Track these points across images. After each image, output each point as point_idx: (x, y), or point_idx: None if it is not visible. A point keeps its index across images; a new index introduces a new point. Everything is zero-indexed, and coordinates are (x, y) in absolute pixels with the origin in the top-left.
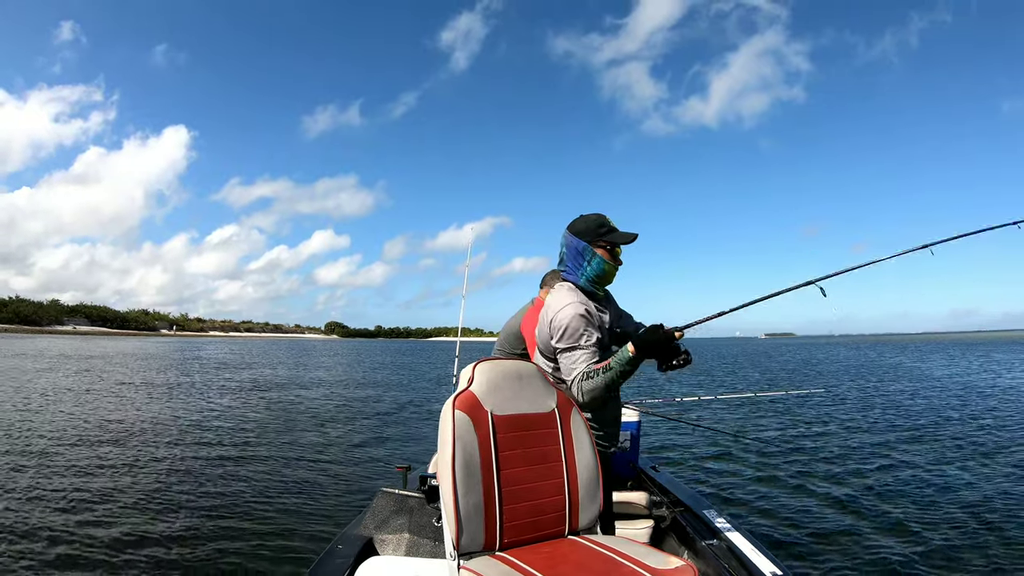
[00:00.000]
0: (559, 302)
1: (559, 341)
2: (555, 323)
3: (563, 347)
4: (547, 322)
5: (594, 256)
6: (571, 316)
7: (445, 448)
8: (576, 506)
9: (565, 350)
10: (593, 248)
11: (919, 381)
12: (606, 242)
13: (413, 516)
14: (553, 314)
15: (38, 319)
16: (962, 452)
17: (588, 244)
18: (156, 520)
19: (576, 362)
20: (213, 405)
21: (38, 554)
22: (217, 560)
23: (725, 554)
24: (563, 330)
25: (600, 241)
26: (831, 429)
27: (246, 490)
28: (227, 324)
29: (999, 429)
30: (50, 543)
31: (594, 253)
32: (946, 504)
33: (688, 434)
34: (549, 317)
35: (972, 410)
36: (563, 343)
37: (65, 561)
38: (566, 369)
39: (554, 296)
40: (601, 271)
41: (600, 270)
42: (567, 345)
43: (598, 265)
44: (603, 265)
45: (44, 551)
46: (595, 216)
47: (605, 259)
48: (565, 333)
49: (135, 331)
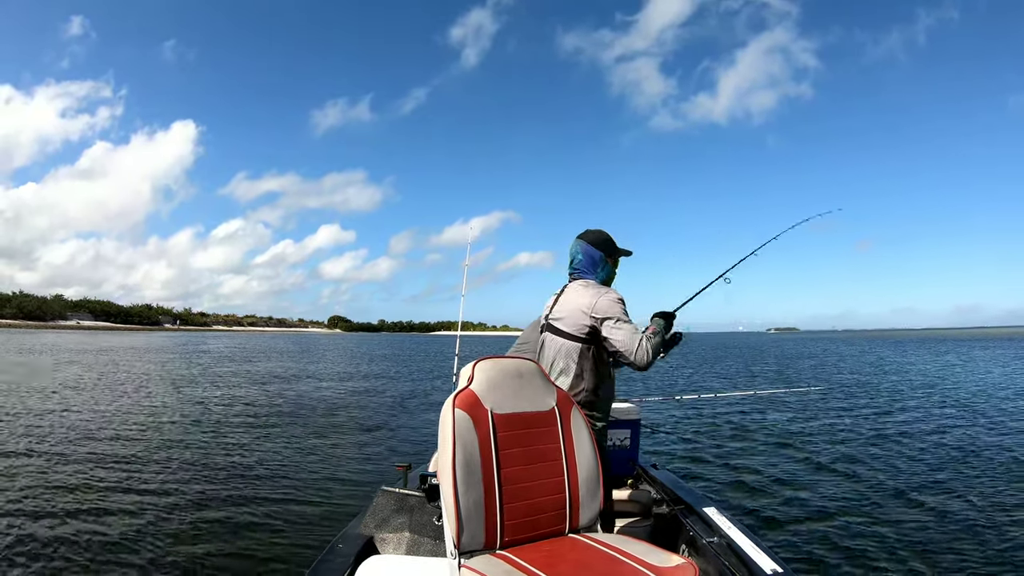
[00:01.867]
0: (599, 290)
1: (617, 313)
2: (607, 300)
3: (623, 319)
4: (590, 303)
5: (606, 264)
6: (618, 298)
7: (445, 447)
8: (576, 504)
9: (624, 321)
10: (607, 259)
11: (922, 378)
12: (616, 256)
13: (413, 515)
14: (604, 294)
15: (41, 314)
16: (966, 452)
17: (603, 255)
18: (154, 518)
19: (637, 331)
20: (212, 401)
21: (36, 553)
22: (217, 559)
23: (725, 552)
24: (616, 306)
25: (614, 255)
26: (833, 427)
27: (246, 488)
28: (230, 318)
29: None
30: (48, 541)
31: (606, 262)
32: (948, 504)
33: (688, 432)
34: (596, 298)
35: (979, 408)
36: (622, 315)
37: (64, 561)
38: (628, 333)
39: (587, 288)
40: (608, 276)
41: (608, 275)
42: (625, 318)
43: (608, 272)
44: (611, 272)
45: (41, 550)
46: (605, 233)
47: (613, 268)
48: (620, 310)
49: (138, 326)
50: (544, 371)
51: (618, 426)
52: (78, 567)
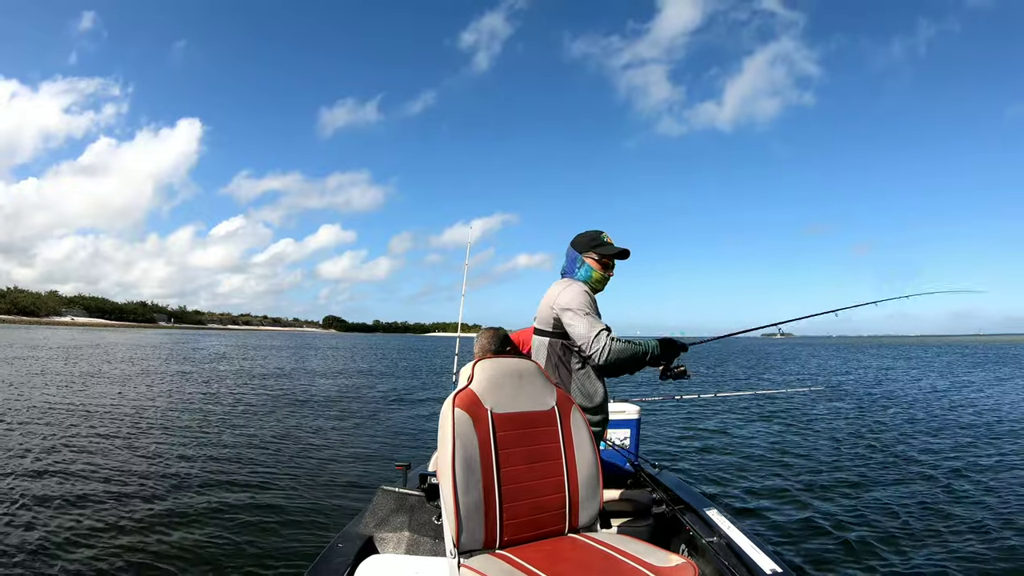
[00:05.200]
0: (567, 284)
1: (576, 305)
2: (570, 292)
3: (583, 311)
4: (555, 295)
5: (583, 264)
6: (583, 291)
7: (445, 446)
8: (576, 504)
9: (584, 313)
10: (583, 257)
11: (920, 384)
12: (596, 253)
13: (413, 514)
14: (568, 286)
15: (36, 310)
16: (966, 454)
17: (579, 254)
18: (153, 517)
19: (598, 324)
20: (207, 400)
21: (33, 549)
22: (216, 558)
23: (725, 552)
24: (578, 298)
25: (589, 252)
26: (833, 427)
27: (245, 488)
28: (225, 317)
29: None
30: (44, 541)
31: (583, 261)
32: (948, 503)
33: (689, 432)
34: (557, 292)
35: (977, 411)
36: (582, 307)
37: (63, 559)
38: (587, 326)
39: (559, 284)
40: (588, 276)
41: (588, 275)
42: (587, 311)
43: (586, 272)
44: (591, 272)
45: (41, 548)
46: (591, 232)
47: (593, 267)
48: (581, 301)
49: (133, 323)
50: (544, 371)
51: (618, 426)
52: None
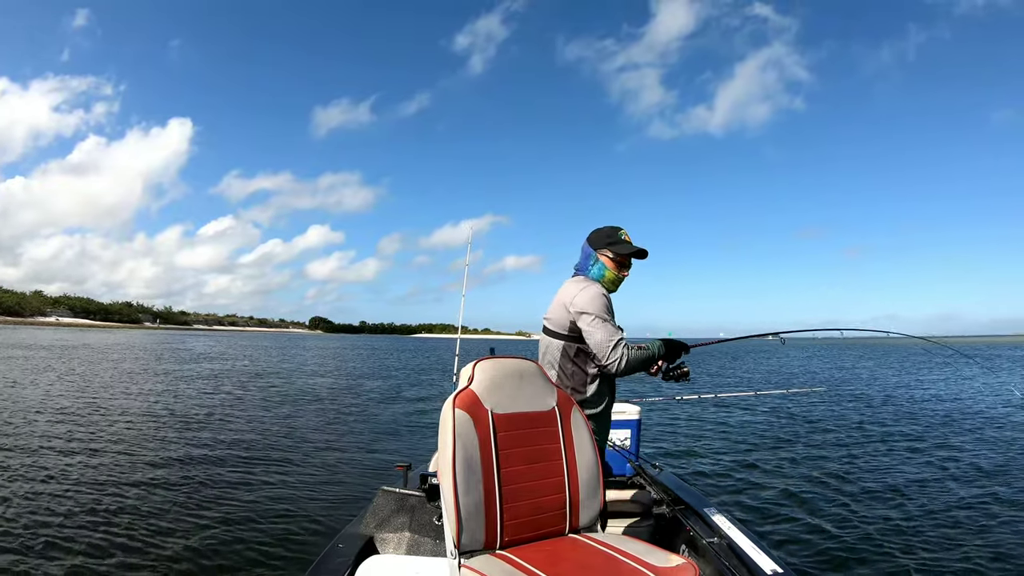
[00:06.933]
0: (584, 284)
1: (594, 310)
2: (587, 294)
3: (602, 317)
4: (571, 295)
5: (597, 261)
6: (600, 294)
7: (445, 447)
8: (577, 504)
9: (603, 320)
10: (597, 254)
11: (917, 384)
12: (611, 251)
13: (414, 515)
14: (585, 288)
15: (20, 310)
16: (966, 455)
17: (594, 250)
18: (151, 519)
19: (616, 333)
20: (207, 400)
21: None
22: (216, 559)
23: (726, 552)
24: (596, 301)
25: (604, 249)
26: (833, 428)
27: (245, 489)
28: (211, 317)
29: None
30: (45, 541)
31: (597, 258)
32: (948, 503)
33: (689, 432)
34: (574, 293)
35: (970, 412)
36: (600, 312)
37: (62, 560)
38: (606, 334)
39: (575, 283)
40: (602, 275)
41: (601, 274)
42: (605, 317)
43: (600, 269)
44: (604, 270)
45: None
46: (608, 228)
47: (607, 266)
48: (599, 305)
49: (118, 323)
50: (544, 371)
51: (618, 426)
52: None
